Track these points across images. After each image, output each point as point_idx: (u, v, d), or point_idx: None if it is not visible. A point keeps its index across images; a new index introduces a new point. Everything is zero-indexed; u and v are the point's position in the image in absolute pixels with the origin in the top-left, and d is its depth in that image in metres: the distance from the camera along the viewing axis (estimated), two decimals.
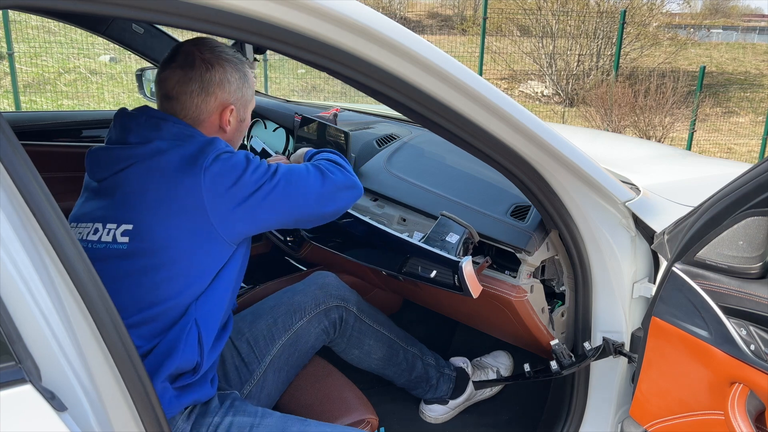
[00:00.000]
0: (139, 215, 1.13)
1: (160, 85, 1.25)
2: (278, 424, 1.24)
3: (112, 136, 1.23)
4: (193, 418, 1.21)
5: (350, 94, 8.93)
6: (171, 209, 1.12)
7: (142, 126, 1.20)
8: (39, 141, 2.36)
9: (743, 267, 1.11)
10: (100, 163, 1.21)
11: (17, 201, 0.75)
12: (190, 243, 1.13)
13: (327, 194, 1.28)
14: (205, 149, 1.15)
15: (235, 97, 1.28)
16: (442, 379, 1.85)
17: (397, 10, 15.83)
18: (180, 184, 1.12)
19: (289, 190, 1.21)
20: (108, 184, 1.18)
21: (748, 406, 1.08)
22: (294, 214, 1.24)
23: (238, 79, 1.27)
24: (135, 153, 1.16)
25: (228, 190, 1.14)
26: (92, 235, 1.17)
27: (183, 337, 1.15)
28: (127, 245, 1.13)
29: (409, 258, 1.46)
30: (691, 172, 1.97)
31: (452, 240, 1.42)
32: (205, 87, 1.23)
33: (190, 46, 1.24)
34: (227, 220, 1.14)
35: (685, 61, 12.81)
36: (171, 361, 1.13)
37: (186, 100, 1.23)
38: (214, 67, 1.24)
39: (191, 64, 1.22)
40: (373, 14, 0.98)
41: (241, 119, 1.32)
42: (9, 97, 7.41)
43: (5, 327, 0.72)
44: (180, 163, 1.13)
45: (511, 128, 1.16)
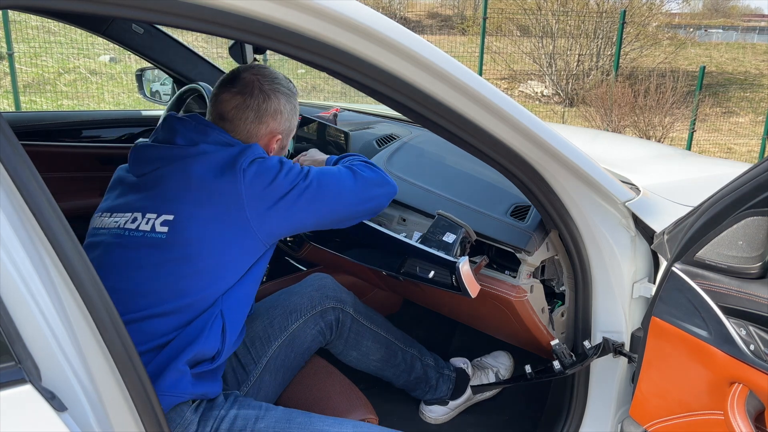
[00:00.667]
0: (180, 207, 1.19)
1: (216, 105, 1.33)
2: (283, 416, 1.26)
3: (159, 136, 1.30)
4: (200, 411, 1.23)
5: (350, 94, 8.93)
6: (211, 205, 1.18)
7: (191, 130, 1.27)
8: (39, 141, 2.36)
9: (743, 267, 1.11)
10: (144, 159, 1.27)
11: (17, 201, 0.75)
12: (226, 238, 1.18)
13: (361, 193, 1.32)
14: (245, 152, 1.22)
15: (283, 128, 1.38)
16: (442, 379, 1.85)
17: (397, 10, 15.84)
18: (220, 182, 1.18)
19: (322, 189, 1.26)
20: (149, 179, 1.24)
21: (747, 406, 1.08)
22: (329, 213, 1.29)
23: (289, 111, 1.37)
24: (181, 153, 1.23)
25: (264, 189, 1.19)
26: (130, 224, 1.22)
27: (208, 325, 1.19)
28: (166, 235, 1.18)
29: (407, 258, 1.46)
30: (691, 172, 1.97)
31: (449, 240, 1.43)
32: (259, 116, 1.32)
33: (252, 75, 1.33)
34: (263, 219, 1.20)
35: (685, 61, 12.81)
36: (194, 346, 1.18)
37: (239, 124, 1.32)
38: (270, 99, 1.33)
39: (251, 93, 1.31)
40: (373, 14, 0.98)
41: (282, 146, 1.42)
42: (9, 97, 7.42)
43: (5, 327, 0.72)
44: (222, 164, 1.20)
45: (511, 128, 1.16)
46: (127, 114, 2.88)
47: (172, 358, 1.16)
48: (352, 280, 2.11)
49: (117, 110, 4.80)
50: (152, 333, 1.17)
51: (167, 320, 1.17)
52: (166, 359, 1.16)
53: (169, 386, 1.15)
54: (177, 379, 1.16)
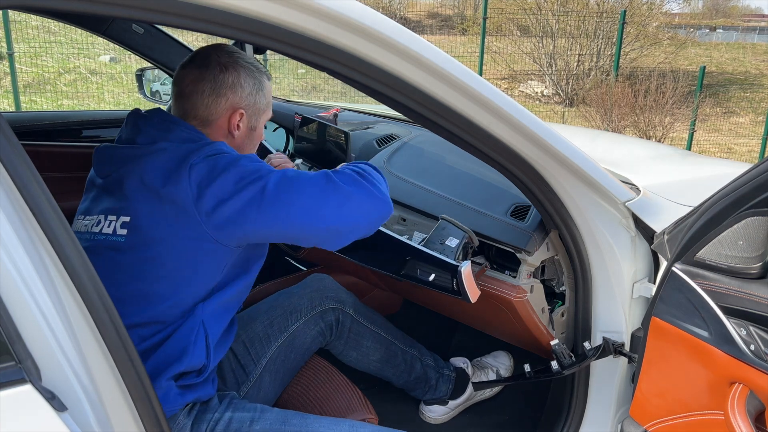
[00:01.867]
0: (136, 208, 1.14)
1: (174, 83, 1.28)
2: (278, 418, 1.25)
3: (123, 135, 1.26)
4: (193, 414, 1.22)
5: (350, 94, 8.93)
6: (164, 204, 1.12)
7: (153, 127, 1.22)
8: (39, 141, 2.36)
9: (743, 267, 1.11)
10: (106, 160, 1.24)
11: (17, 201, 0.75)
12: (184, 240, 1.12)
13: (332, 205, 1.13)
14: (201, 148, 1.15)
15: (246, 103, 1.29)
16: (442, 379, 1.85)
17: (397, 10, 15.83)
18: (170, 180, 1.12)
19: (280, 196, 1.10)
20: (112, 180, 1.20)
21: (747, 406, 1.08)
22: (287, 225, 1.12)
23: (251, 86, 1.29)
24: (139, 152, 1.18)
25: (207, 188, 1.10)
26: (95, 227, 1.19)
27: (192, 339, 1.16)
28: (125, 238, 1.14)
29: (408, 260, 1.46)
30: (691, 172, 1.97)
31: (452, 244, 1.42)
32: (216, 88, 1.25)
33: (209, 49, 1.28)
34: (214, 220, 1.10)
35: (685, 61, 12.81)
36: (180, 363, 1.15)
37: (197, 99, 1.25)
38: (227, 70, 1.26)
39: (207, 65, 1.25)
40: (373, 14, 0.98)
41: (252, 127, 1.32)
42: (9, 97, 7.42)
43: (5, 327, 0.72)
44: (174, 160, 1.13)
45: (511, 128, 1.16)
46: None
47: (155, 375, 1.12)
48: (352, 280, 2.11)
49: (117, 110, 4.80)
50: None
51: (138, 330, 1.13)
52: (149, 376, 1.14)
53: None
54: (162, 396, 1.13)
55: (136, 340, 1.12)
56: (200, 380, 1.20)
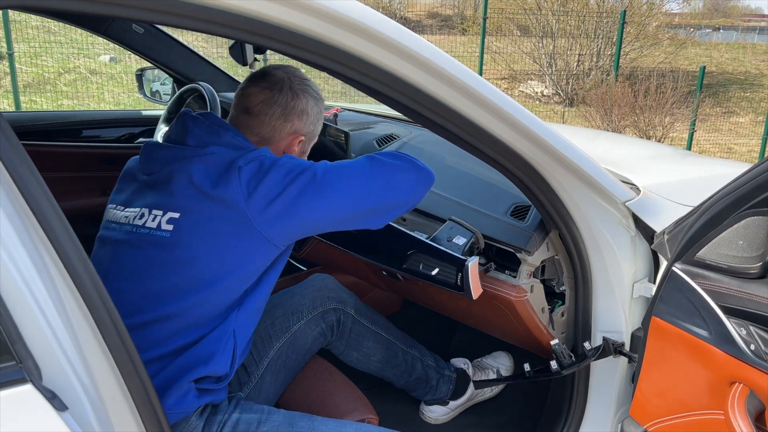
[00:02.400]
0: (185, 206, 1.15)
1: (242, 98, 1.30)
2: (285, 420, 1.25)
3: (172, 134, 1.27)
4: (205, 416, 1.22)
5: (350, 94, 8.93)
6: (213, 204, 1.14)
7: (203, 131, 1.23)
8: (39, 141, 2.36)
9: (743, 267, 1.11)
10: (154, 158, 1.24)
11: (17, 201, 0.75)
12: (229, 238, 1.14)
13: (381, 181, 1.19)
14: (248, 153, 1.18)
15: (307, 130, 1.34)
16: (442, 380, 1.85)
17: (397, 10, 15.83)
18: (220, 183, 1.14)
19: (329, 181, 1.15)
20: (158, 177, 1.21)
21: (748, 406, 1.08)
22: (342, 209, 1.17)
23: (315, 114, 1.34)
24: (190, 154, 1.20)
25: (259, 186, 1.13)
26: (138, 220, 1.19)
27: (221, 346, 1.17)
28: (170, 233, 1.15)
29: (412, 254, 1.45)
30: (691, 172, 1.97)
31: (459, 242, 1.43)
32: (286, 113, 1.29)
33: (283, 73, 1.31)
34: (266, 219, 1.13)
35: (685, 61, 12.82)
36: (205, 367, 1.15)
37: (265, 119, 1.28)
38: (299, 98, 1.30)
39: (280, 89, 1.29)
40: (373, 14, 0.98)
41: (304, 151, 1.38)
42: (9, 97, 7.42)
43: (6, 327, 0.72)
44: (223, 164, 1.16)
45: (511, 128, 1.16)
46: (127, 114, 2.88)
47: (180, 375, 1.14)
48: (353, 280, 2.11)
49: (117, 110, 4.80)
50: (156, 338, 1.14)
51: (170, 324, 1.14)
52: (173, 375, 1.14)
53: (173, 404, 1.14)
54: (181, 397, 1.14)
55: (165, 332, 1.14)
56: (219, 387, 1.21)
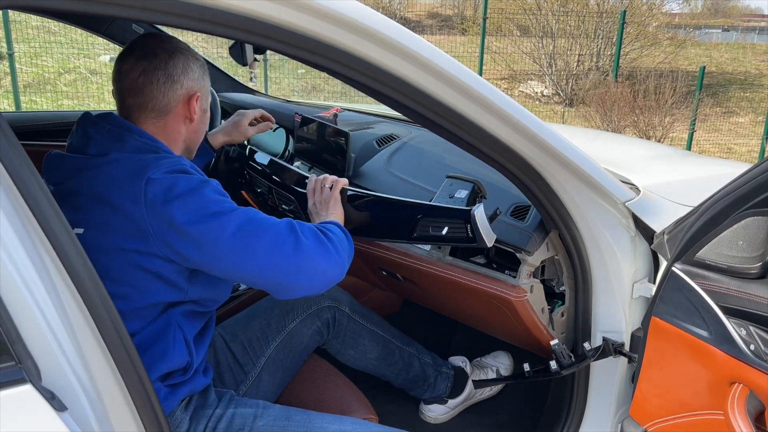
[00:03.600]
0: (87, 220, 1.09)
1: (121, 79, 1.19)
2: (281, 414, 1.25)
3: (74, 142, 1.19)
4: (191, 409, 1.21)
5: (350, 94, 8.93)
6: (115, 216, 1.07)
7: (105, 136, 1.15)
8: (39, 141, 2.36)
9: (743, 267, 1.11)
10: (55, 169, 1.18)
11: (17, 201, 0.75)
12: (132, 253, 1.07)
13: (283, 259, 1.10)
14: (160, 161, 1.10)
15: (198, 85, 1.25)
16: (440, 377, 1.85)
17: (397, 10, 15.83)
18: (124, 191, 1.07)
19: (237, 242, 1.07)
20: (63, 189, 1.15)
21: (747, 406, 1.08)
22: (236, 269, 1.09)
23: (199, 67, 1.25)
24: (90, 164, 1.13)
25: (166, 206, 1.05)
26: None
27: (170, 339, 1.14)
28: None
29: (420, 220, 1.42)
30: (691, 172, 1.97)
31: (461, 195, 1.40)
32: (169, 75, 1.19)
33: (147, 39, 1.21)
34: (167, 240, 1.06)
35: (685, 61, 12.82)
36: (162, 363, 1.13)
37: (152, 90, 1.18)
38: (175, 56, 1.21)
39: (153, 54, 1.19)
40: (373, 14, 0.98)
41: (204, 109, 1.29)
42: (9, 97, 7.41)
43: (5, 327, 0.72)
44: (130, 172, 1.08)
45: (511, 128, 1.16)
46: None
47: None
48: (352, 280, 2.11)
49: None
50: None
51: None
52: None
53: None
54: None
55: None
56: (187, 377, 1.19)
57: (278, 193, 1.71)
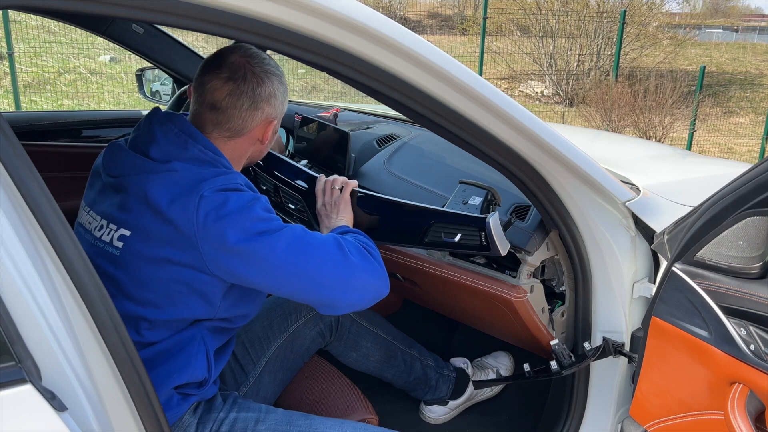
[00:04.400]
0: (137, 223, 1.10)
1: (205, 93, 1.20)
2: (283, 418, 1.25)
3: (138, 140, 1.20)
4: (198, 413, 1.22)
5: (350, 94, 8.93)
6: (164, 226, 1.08)
7: (169, 141, 1.16)
8: (39, 141, 2.36)
9: (743, 267, 1.11)
10: (117, 162, 1.19)
11: (17, 201, 0.75)
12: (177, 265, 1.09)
13: (335, 277, 1.14)
14: (216, 178, 1.11)
15: (278, 111, 1.27)
16: (441, 380, 1.85)
17: (397, 10, 15.83)
18: (177, 203, 1.08)
19: (287, 258, 1.09)
20: (118, 184, 1.16)
21: (747, 406, 1.08)
22: (287, 286, 1.12)
23: (282, 93, 1.26)
24: (151, 167, 1.14)
25: (217, 223, 1.06)
26: (97, 231, 1.16)
27: (193, 353, 1.15)
28: (120, 251, 1.11)
29: (432, 225, 1.42)
30: (691, 172, 1.97)
31: (475, 202, 1.39)
32: (254, 102, 1.21)
33: (240, 58, 1.21)
34: (215, 257, 1.08)
35: (685, 61, 12.82)
36: (180, 375, 1.14)
37: (234, 113, 1.20)
38: (264, 83, 1.21)
39: (243, 78, 1.19)
40: (373, 14, 0.98)
41: (275, 131, 1.32)
42: (9, 97, 7.41)
43: (5, 327, 0.72)
44: (186, 184, 1.10)
45: (511, 128, 1.16)
46: (127, 114, 2.88)
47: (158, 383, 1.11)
48: None
49: (117, 110, 4.80)
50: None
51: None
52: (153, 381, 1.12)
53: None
54: (166, 401, 1.13)
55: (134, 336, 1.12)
56: (200, 392, 1.20)
57: (284, 191, 1.71)
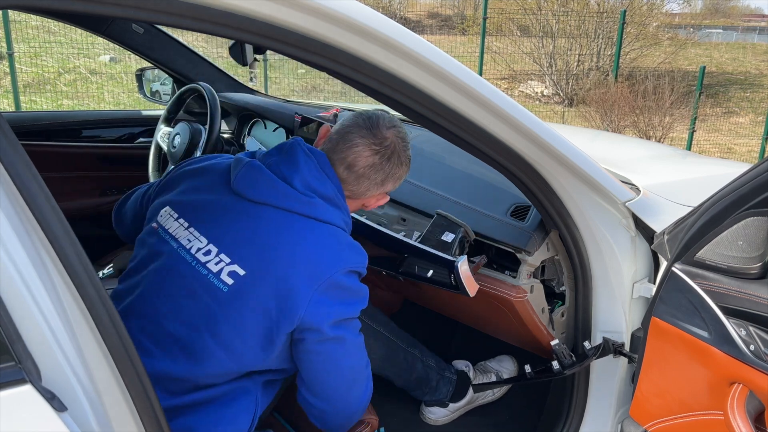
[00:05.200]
0: (254, 267, 1.08)
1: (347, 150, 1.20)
2: None
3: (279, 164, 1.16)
4: None
5: (350, 94, 8.93)
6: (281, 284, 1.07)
7: (312, 176, 1.15)
8: (39, 141, 2.36)
9: (743, 267, 1.11)
10: (254, 183, 1.14)
11: (17, 201, 0.75)
12: (271, 321, 1.08)
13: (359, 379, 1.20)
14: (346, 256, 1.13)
15: (396, 186, 1.29)
16: (442, 381, 1.84)
17: (397, 10, 15.83)
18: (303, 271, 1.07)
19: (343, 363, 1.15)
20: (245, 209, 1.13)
21: (747, 407, 1.08)
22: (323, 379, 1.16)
23: (404, 174, 1.28)
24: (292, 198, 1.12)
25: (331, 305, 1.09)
26: (201, 254, 1.11)
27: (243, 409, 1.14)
28: (229, 288, 1.08)
29: (407, 258, 1.46)
30: (691, 172, 1.97)
31: (448, 239, 1.43)
32: (385, 180, 1.23)
33: (393, 135, 1.22)
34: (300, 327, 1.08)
35: (685, 61, 12.82)
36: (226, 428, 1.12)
37: (364, 182, 1.22)
38: (401, 167, 1.24)
39: (389, 157, 1.21)
40: (373, 14, 0.98)
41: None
42: (9, 97, 7.41)
43: (5, 327, 0.72)
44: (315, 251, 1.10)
45: (511, 128, 1.16)
46: (127, 114, 2.88)
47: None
48: None
49: (117, 110, 4.80)
50: (174, 389, 1.10)
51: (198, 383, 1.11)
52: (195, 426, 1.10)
53: None
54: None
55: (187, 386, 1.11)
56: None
57: None
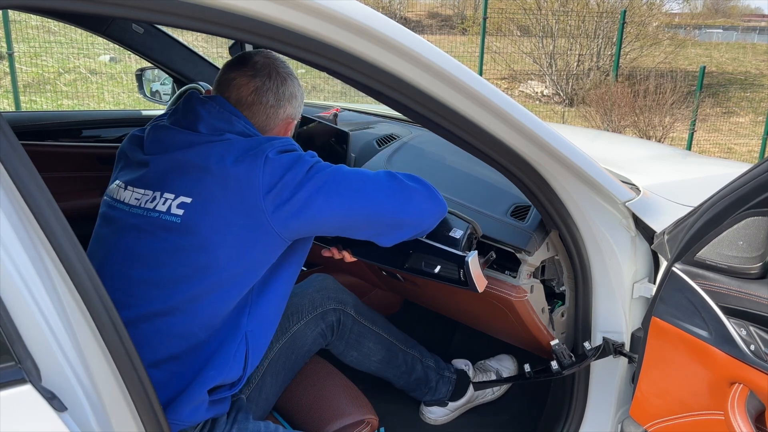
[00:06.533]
0: (198, 191, 1.12)
1: (230, 89, 1.25)
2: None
3: (180, 118, 1.22)
4: (206, 430, 1.21)
5: (350, 94, 8.93)
6: (228, 191, 1.10)
7: (215, 117, 1.20)
8: (39, 141, 2.36)
9: (743, 267, 1.11)
10: (162, 141, 1.20)
11: (17, 201, 0.75)
12: (241, 230, 1.10)
13: (398, 198, 1.20)
14: (273, 141, 1.16)
15: (296, 113, 1.33)
16: (442, 381, 1.84)
17: (397, 10, 15.83)
18: (239, 167, 1.10)
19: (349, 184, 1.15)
20: (167, 160, 1.17)
21: (747, 407, 1.08)
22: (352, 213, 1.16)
23: (300, 95, 1.33)
24: (205, 140, 1.16)
25: (280, 180, 1.10)
26: (149, 203, 1.15)
27: (233, 350, 1.15)
28: (181, 219, 1.11)
29: (412, 253, 1.45)
30: (691, 172, 1.97)
31: (456, 235, 1.42)
32: (278, 100, 1.27)
33: (264, 59, 1.27)
34: (280, 212, 1.11)
35: (685, 61, 12.82)
36: (218, 374, 1.13)
37: (259, 109, 1.26)
38: (287, 82, 1.28)
39: (268, 76, 1.26)
40: (373, 14, 0.98)
41: (293, 135, 1.37)
42: (9, 97, 7.41)
43: (5, 327, 0.72)
44: (247, 148, 1.13)
45: (511, 128, 1.16)
46: (127, 114, 2.88)
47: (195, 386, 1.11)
48: (353, 281, 2.11)
49: (117, 110, 4.80)
50: (167, 334, 1.11)
51: (179, 319, 1.11)
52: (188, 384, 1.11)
53: (186, 416, 1.11)
54: (194, 408, 1.12)
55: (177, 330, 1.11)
56: (230, 393, 1.20)
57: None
